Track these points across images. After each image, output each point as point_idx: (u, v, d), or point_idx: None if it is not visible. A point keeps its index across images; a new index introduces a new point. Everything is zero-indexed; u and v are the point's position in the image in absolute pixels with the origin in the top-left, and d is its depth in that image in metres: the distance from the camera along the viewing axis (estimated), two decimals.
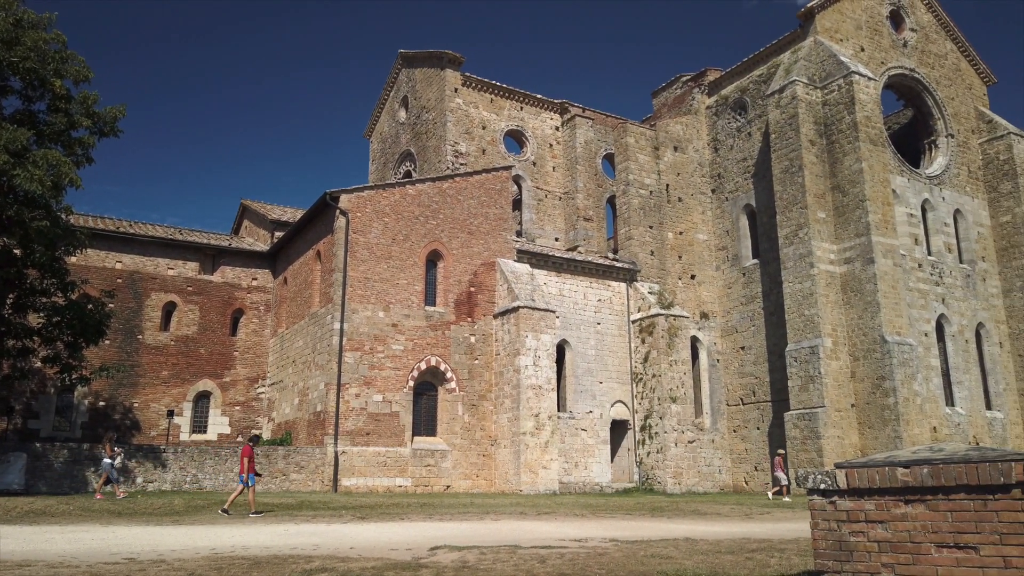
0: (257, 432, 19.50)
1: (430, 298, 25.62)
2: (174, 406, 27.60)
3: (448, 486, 24.14)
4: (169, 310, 28.41)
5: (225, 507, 14.47)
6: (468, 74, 33.38)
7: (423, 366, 24.74)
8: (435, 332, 25.20)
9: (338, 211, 24.41)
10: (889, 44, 31.30)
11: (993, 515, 4.73)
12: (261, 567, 7.80)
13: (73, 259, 21.85)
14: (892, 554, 5.04)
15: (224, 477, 21.87)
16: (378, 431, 23.53)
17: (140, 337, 27.55)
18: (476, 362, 25.79)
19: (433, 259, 26.00)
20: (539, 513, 15.43)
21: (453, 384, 25.22)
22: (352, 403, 23.36)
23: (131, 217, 31.30)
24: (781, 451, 25.10)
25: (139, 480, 20.73)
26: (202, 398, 28.41)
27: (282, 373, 28.14)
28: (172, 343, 28.11)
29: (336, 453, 22.71)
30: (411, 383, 24.42)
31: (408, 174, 35.26)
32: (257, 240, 33.09)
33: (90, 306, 19.58)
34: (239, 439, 28.44)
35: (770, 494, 24.33)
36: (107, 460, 18.48)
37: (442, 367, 25.09)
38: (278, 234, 31.02)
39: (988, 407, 29.48)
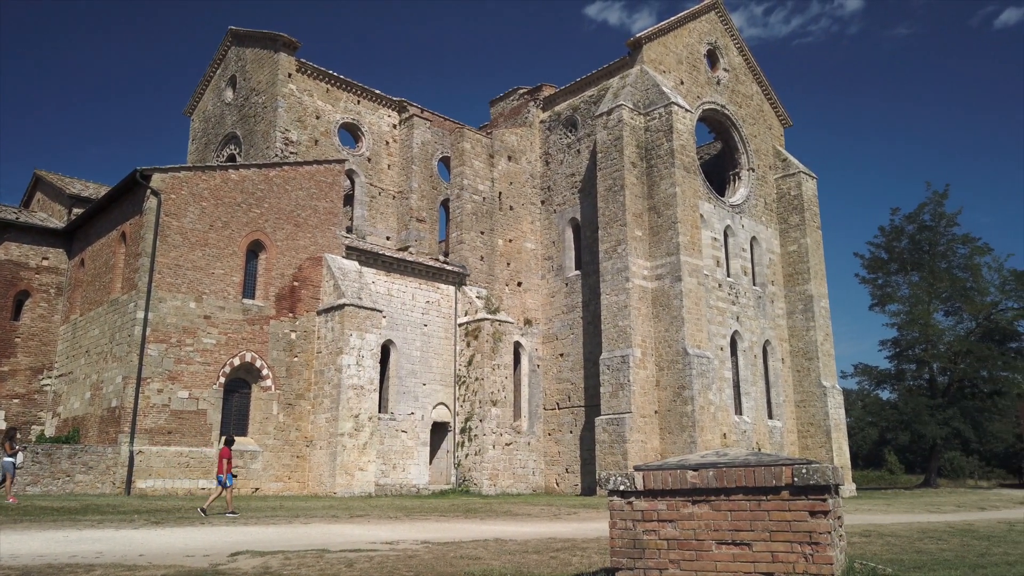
0: (231, 436, 17.76)
1: (249, 291, 24.36)
2: None
3: (257, 488, 23.04)
4: None
5: (203, 507, 14.30)
6: (304, 60, 32.14)
7: (236, 362, 23.46)
8: (252, 326, 23.99)
9: (149, 191, 22.58)
10: (705, 80, 34.04)
11: (765, 514, 5.26)
12: None
13: None
14: (679, 551, 5.45)
15: None
16: (181, 430, 21.99)
17: None
18: (296, 360, 24.85)
19: (255, 250, 24.76)
20: (352, 516, 15.13)
21: (269, 382, 24.13)
22: (153, 399, 21.66)
23: None
24: None
25: None
26: None
27: (73, 364, 25.51)
28: None
29: (131, 452, 20.95)
30: (222, 379, 23.06)
31: (232, 158, 33.29)
32: (51, 216, 29.81)
33: None
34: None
35: None
36: (8, 459, 16.35)
37: (258, 363, 23.93)
38: (77, 211, 28.15)
39: (770, 416, 32.76)
